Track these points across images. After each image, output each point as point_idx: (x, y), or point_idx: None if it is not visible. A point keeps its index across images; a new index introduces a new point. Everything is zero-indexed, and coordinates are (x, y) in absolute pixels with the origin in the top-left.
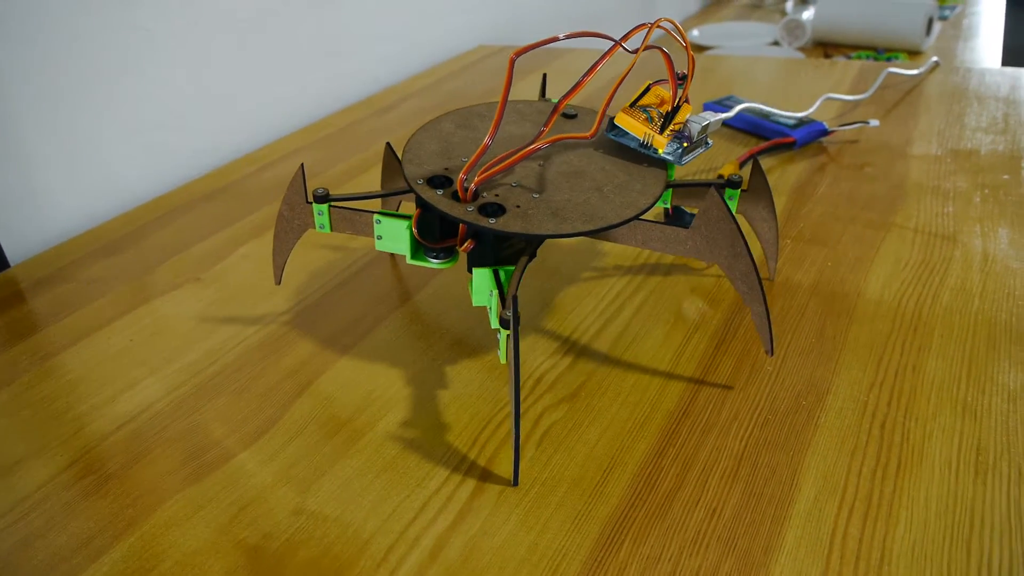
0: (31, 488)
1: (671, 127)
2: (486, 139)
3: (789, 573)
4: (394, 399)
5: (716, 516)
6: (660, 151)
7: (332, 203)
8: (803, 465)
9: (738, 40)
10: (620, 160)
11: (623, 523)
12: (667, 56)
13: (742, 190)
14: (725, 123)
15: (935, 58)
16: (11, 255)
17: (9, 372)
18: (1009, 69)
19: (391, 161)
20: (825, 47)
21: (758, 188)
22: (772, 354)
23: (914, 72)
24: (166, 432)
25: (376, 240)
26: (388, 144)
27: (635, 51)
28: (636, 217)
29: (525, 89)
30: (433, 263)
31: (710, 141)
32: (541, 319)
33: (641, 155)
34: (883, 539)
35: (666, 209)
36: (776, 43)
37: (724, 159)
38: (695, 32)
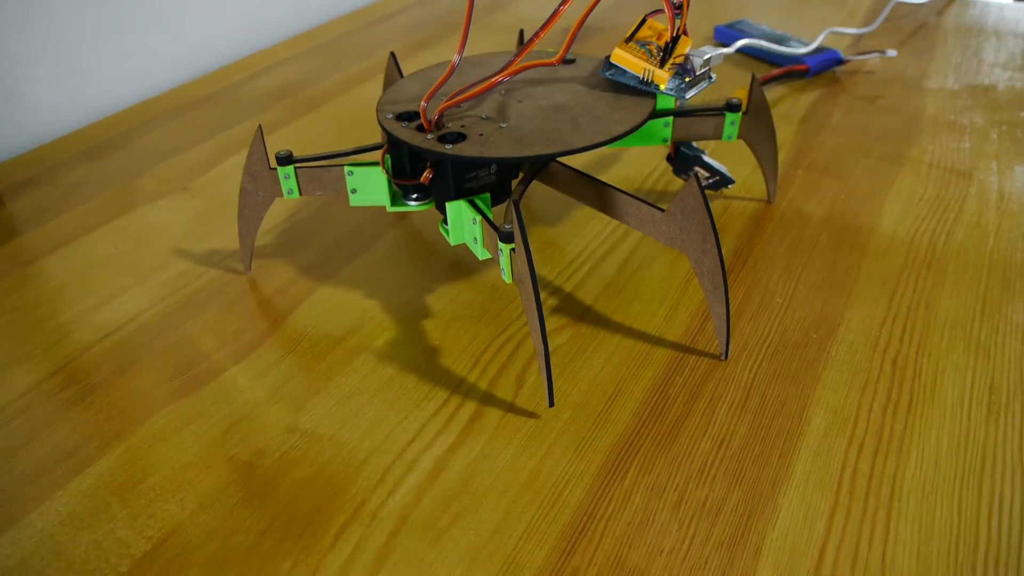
0: (11, 396)
1: (671, 60)
2: (454, 57)
3: (797, 506)
4: (390, 318)
5: (723, 447)
6: (662, 87)
7: (297, 164)
8: (813, 398)
9: None
10: (609, 94)
11: (628, 451)
12: None
13: (743, 113)
14: (746, 51)
15: None
16: None
17: None
18: None
19: (393, 73)
20: None
21: (758, 110)
22: (726, 358)
23: (923, 0)
24: (153, 344)
25: (350, 195)
26: (392, 54)
27: None
28: (603, 143)
29: (499, 43)
30: (412, 205)
31: (713, 75)
32: (541, 242)
33: (639, 92)
34: (893, 475)
35: (669, 155)
36: None
37: (736, 84)
38: None
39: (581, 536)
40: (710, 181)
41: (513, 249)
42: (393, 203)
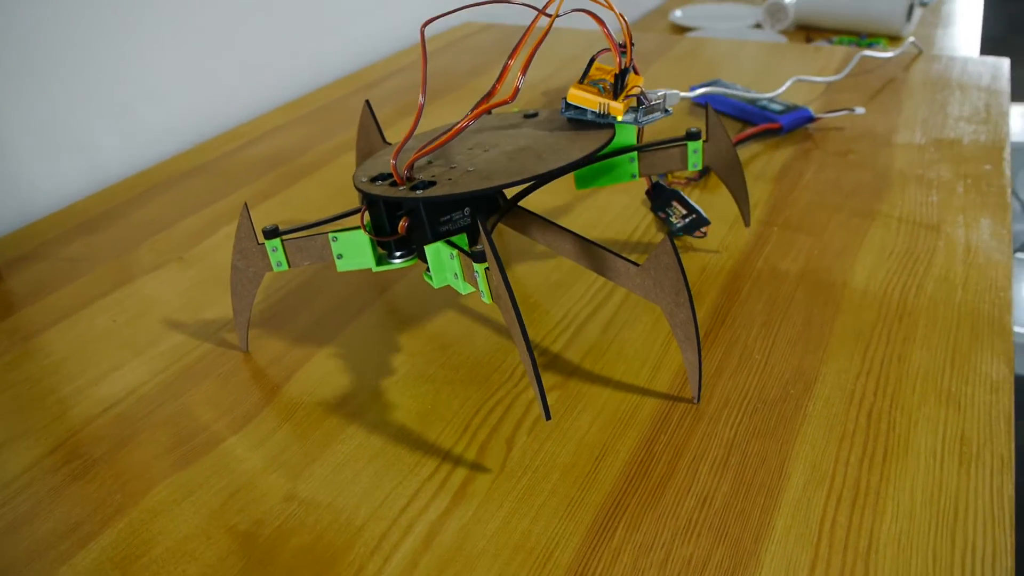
0: (15, 473)
1: (624, 93)
2: (420, 99)
3: (779, 561)
4: (383, 384)
5: (707, 504)
6: (619, 117)
7: (284, 236)
8: (792, 453)
9: (720, 22)
10: (571, 132)
11: (616, 510)
12: (600, 21)
13: (703, 141)
14: (714, 106)
15: (912, 39)
16: None
17: None
18: (991, 58)
19: (368, 121)
20: (807, 31)
21: (716, 136)
22: (698, 402)
23: (888, 55)
24: (153, 416)
25: (336, 260)
26: (367, 102)
27: (553, 16)
28: (568, 168)
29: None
30: (397, 263)
31: (670, 109)
32: (526, 307)
33: (598, 125)
34: (870, 528)
35: (648, 190)
36: (758, 26)
37: None
38: (677, 13)
39: None
40: (686, 221)
41: (488, 268)
42: (379, 263)
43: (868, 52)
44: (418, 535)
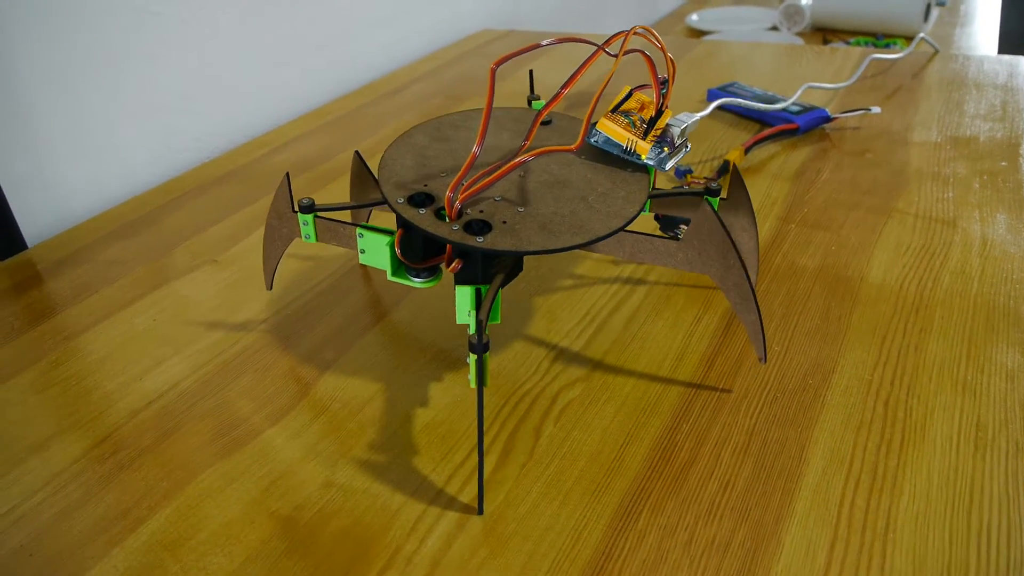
0: (66, 463)
1: (653, 133)
2: (474, 149)
3: (799, 541)
4: (414, 377)
5: (729, 488)
6: (643, 157)
7: (317, 213)
8: (811, 440)
9: (737, 25)
10: (601, 166)
11: (641, 494)
12: (650, 60)
13: (721, 199)
14: (729, 108)
15: (922, 34)
16: (27, 237)
17: (35, 351)
18: (1007, 57)
19: (360, 170)
20: (824, 32)
21: (737, 197)
22: (765, 361)
23: (898, 56)
24: (194, 409)
25: (360, 253)
26: (357, 153)
27: (615, 55)
28: (624, 227)
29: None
30: (415, 282)
31: (689, 144)
32: (551, 303)
33: (621, 160)
34: (888, 509)
35: (657, 216)
36: (775, 28)
37: (729, 145)
38: (694, 17)
39: (600, 574)
40: None
41: (479, 360)
42: (394, 273)
43: (878, 55)
44: (451, 518)
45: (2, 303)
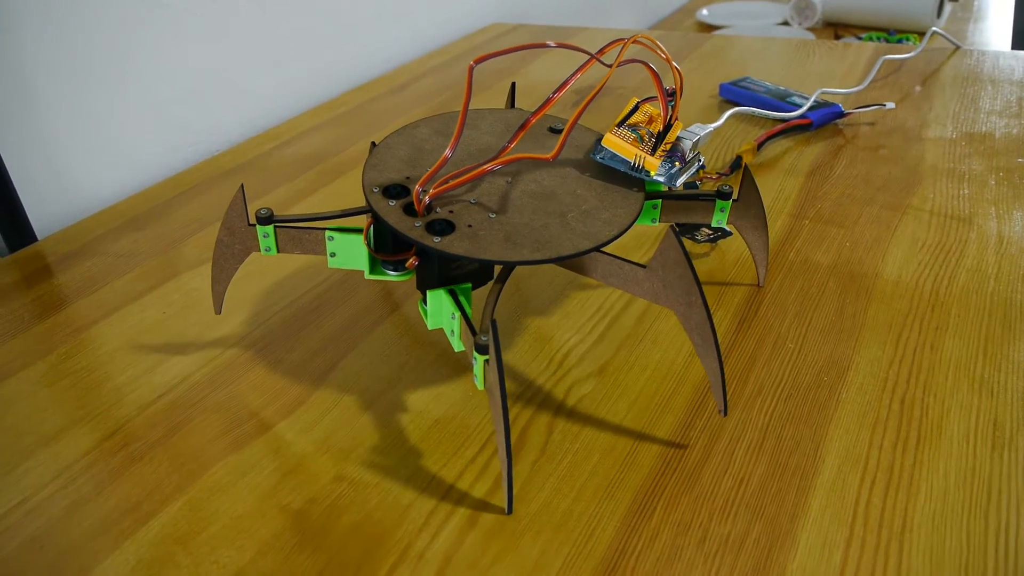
0: (76, 455)
1: (662, 148)
2: (446, 151)
3: (815, 539)
4: (423, 375)
5: (744, 485)
6: (652, 174)
7: (277, 223)
8: (826, 438)
9: (748, 20)
10: (597, 182)
11: (654, 491)
12: (654, 73)
13: (733, 200)
14: (742, 104)
15: (935, 28)
16: (37, 230)
17: (45, 344)
18: (1023, 53)
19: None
20: (835, 27)
21: (749, 198)
22: (725, 414)
23: (909, 55)
24: (205, 402)
25: (329, 258)
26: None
27: (610, 65)
28: (593, 250)
29: (521, 84)
30: (392, 275)
31: (702, 158)
32: (566, 296)
33: (624, 177)
34: (904, 508)
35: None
36: (786, 23)
37: (741, 140)
38: (704, 12)
39: (614, 571)
40: (711, 236)
41: (487, 360)
42: (372, 271)
43: (889, 56)
44: (463, 514)
45: (12, 296)
